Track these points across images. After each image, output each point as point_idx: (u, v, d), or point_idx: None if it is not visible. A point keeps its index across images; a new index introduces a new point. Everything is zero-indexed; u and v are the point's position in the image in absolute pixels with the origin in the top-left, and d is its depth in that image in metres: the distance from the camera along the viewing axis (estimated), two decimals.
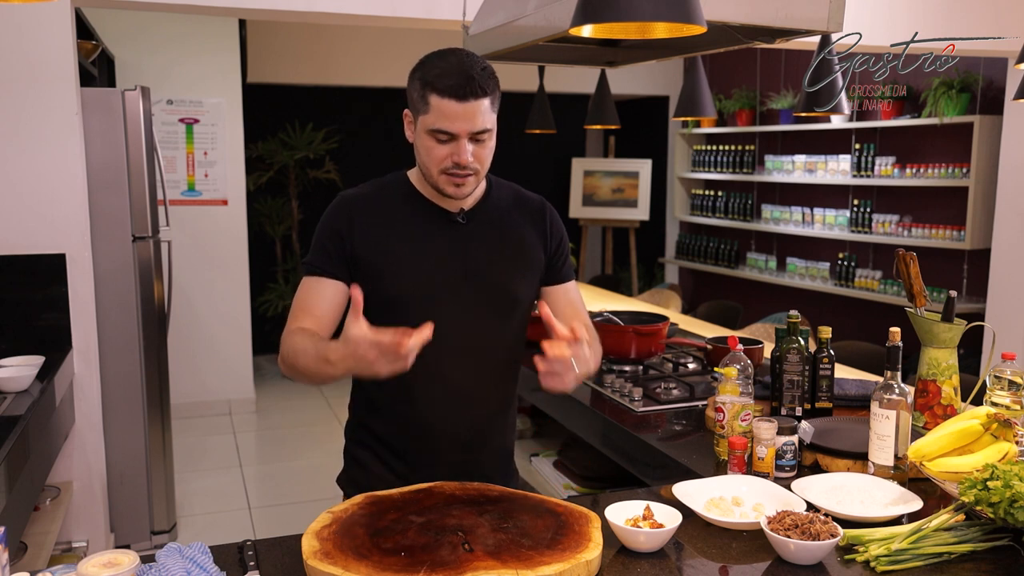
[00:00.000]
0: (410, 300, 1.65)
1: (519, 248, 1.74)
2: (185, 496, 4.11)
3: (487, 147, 1.62)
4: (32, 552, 2.56)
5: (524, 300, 1.76)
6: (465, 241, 1.70)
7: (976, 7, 3.73)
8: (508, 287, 1.72)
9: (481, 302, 1.69)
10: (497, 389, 1.77)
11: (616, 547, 1.44)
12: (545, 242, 1.79)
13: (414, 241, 1.67)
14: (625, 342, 2.72)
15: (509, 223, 1.75)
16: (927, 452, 1.66)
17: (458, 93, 1.54)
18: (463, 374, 1.70)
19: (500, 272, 1.71)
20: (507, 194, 1.80)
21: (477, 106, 1.56)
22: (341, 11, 2.99)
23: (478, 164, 1.61)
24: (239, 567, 1.37)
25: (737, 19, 1.84)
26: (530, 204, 1.81)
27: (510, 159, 7.95)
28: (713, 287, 7.05)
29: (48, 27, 2.85)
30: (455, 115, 1.55)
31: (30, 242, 2.92)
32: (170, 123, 5.28)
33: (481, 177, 1.65)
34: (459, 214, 1.70)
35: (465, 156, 1.58)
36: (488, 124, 1.59)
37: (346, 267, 1.65)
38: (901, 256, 2.08)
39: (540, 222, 1.80)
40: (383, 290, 1.64)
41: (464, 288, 1.68)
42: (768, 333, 3.84)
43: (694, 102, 3.63)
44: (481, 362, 1.72)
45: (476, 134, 1.58)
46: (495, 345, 1.74)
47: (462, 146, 1.58)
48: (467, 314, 1.68)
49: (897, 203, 5.32)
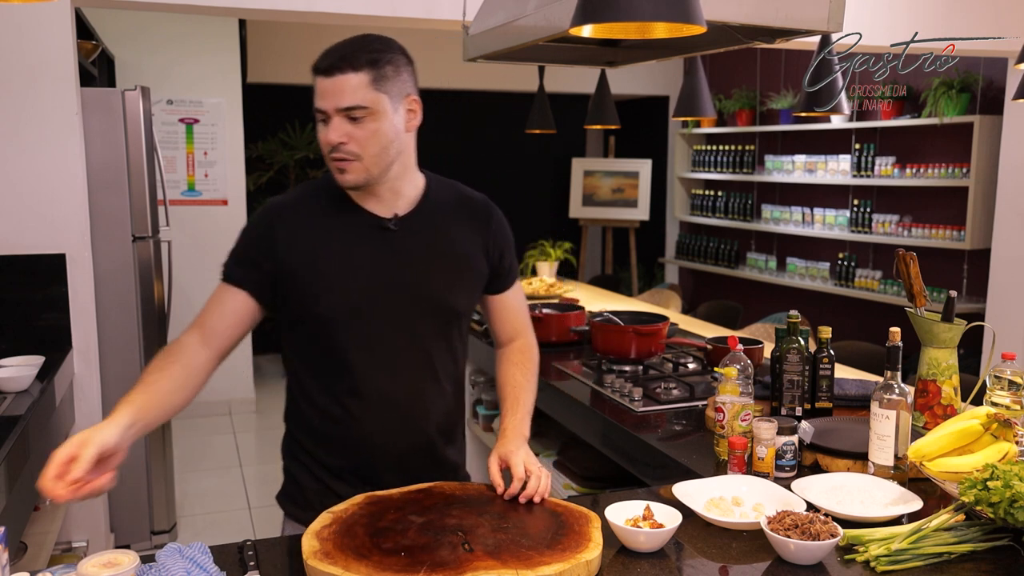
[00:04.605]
0: (339, 317, 1.56)
1: (458, 257, 1.64)
2: (185, 496, 4.11)
3: (367, 129, 1.50)
4: (32, 552, 2.56)
5: (464, 311, 1.68)
6: (397, 250, 1.59)
7: (976, 7, 3.73)
8: (446, 299, 1.63)
9: (416, 315, 1.60)
10: (438, 403, 1.67)
11: (616, 547, 1.43)
12: (488, 249, 1.69)
13: (342, 252, 1.56)
14: (625, 342, 2.72)
15: (448, 229, 1.65)
16: (927, 452, 1.66)
17: (326, 69, 1.49)
18: (403, 392, 1.61)
19: (436, 283, 1.61)
20: (448, 196, 1.68)
21: (344, 81, 1.47)
22: (341, 11, 2.99)
23: (357, 148, 1.50)
24: (239, 567, 1.37)
25: (737, 19, 1.84)
26: (474, 206, 1.70)
27: (510, 159, 8.02)
28: (713, 287, 7.05)
29: (48, 27, 2.85)
30: (322, 91, 1.50)
31: (30, 242, 2.92)
32: (170, 123, 5.28)
33: (369, 166, 1.53)
34: (391, 220, 1.59)
35: (331, 133, 1.50)
36: (361, 101, 1.48)
37: (261, 278, 1.56)
38: (901, 256, 2.08)
39: (484, 227, 1.69)
40: (310, 307, 1.55)
41: (397, 302, 1.58)
42: (768, 333, 3.84)
43: (694, 102, 3.63)
44: (420, 378, 1.63)
45: (346, 110, 1.48)
46: (434, 359, 1.64)
47: (330, 124, 1.50)
48: (402, 329, 1.59)
49: (897, 203, 5.32)
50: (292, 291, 1.56)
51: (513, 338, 1.82)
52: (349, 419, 1.60)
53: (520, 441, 1.62)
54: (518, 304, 1.80)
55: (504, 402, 1.72)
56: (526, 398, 1.71)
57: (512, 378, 1.75)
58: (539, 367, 1.83)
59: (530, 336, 1.83)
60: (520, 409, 1.68)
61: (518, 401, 1.70)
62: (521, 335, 1.82)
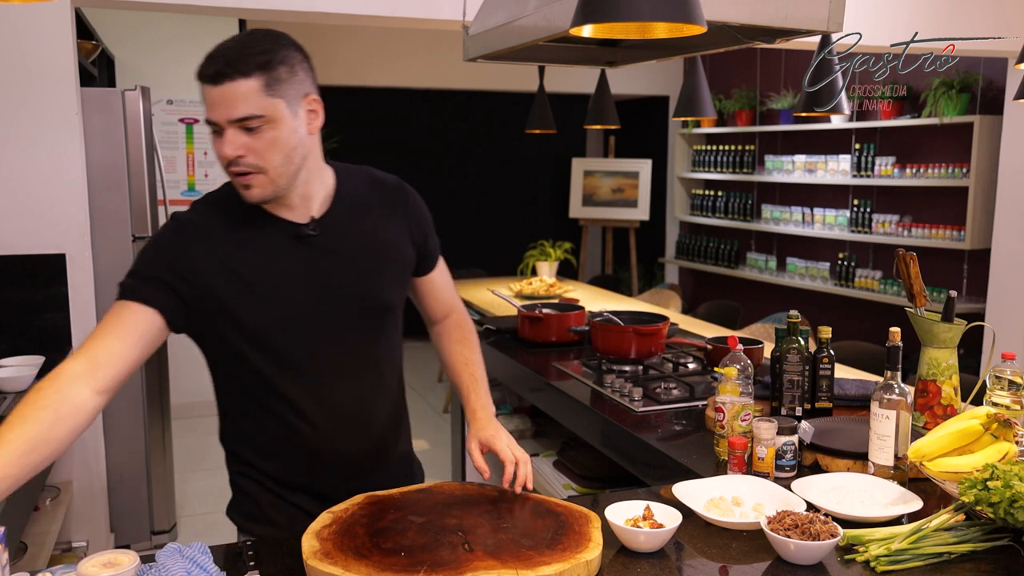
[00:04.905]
0: (270, 332, 1.47)
1: (383, 247, 1.58)
2: (185, 496, 4.11)
3: (265, 138, 1.39)
4: (32, 552, 2.56)
5: (397, 303, 1.63)
6: (320, 254, 1.51)
7: (976, 7, 3.73)
8: (378, 295, 1.57)
9: (350, 317, 1.54)
10: (385, 401, 1.63)
11: (616, 547, 1.43)
12: (411, 232, 1.63)
13: (264, 266, 1.47)
14: (625, 342, 2.72)
15: (368, 221, 1.57)
16: (927, 452, 1.66)
17: (212, 76, 1.37)
18: (348, 399, 1.56)
19: (365, 281, 1.55)
20: (360, 184, 1.61)
21: (233, 89, 1.36)
22: (341, 11, 2.99)
23: (257, 160, 1.40)
24: (239, 567, 1.36)
25: (737, 19, 1.84)
26: (388, 189, 1.64)
27: (510, 159, 8.02)
28: (713, 287, 7.05)
29: (48, 27, 2.85)
30: (211, 101, 1.38)
31: (30, 242, 2.92)
32: (170, 123, 5.28)
33: (275, 177, 1.43)
34: (308, 224, 1.51)
35: (226, 147, 1.39)
36: (255, 109, 1.37)
37: (172, 298, 1.43)
38: (901, 256, 2.08)
39: (402, 209, 1.63)
40: (239, 326, 1.47)
41: (328, 307, 1.51)
42: (768, 333, 3.85)
43: (694, 102, 3.63)
44: (365, 382, 1.58)
45: (239, 121, 1.37)
46: (377, 359, 1.60)
47: (224, 137, 1.39)
48: (339, 336, 1.53)
49: (897, 203, 5.32)
50: (214, 311, 1.46)
51: (447, 314, 1.80)
52: (295, 435, 1.53)
53: (495, 423, 1.61)
54: (445, 280, 1.77)
55: (461, 383, 1.70)
56: (481, 373, 1.71)
57: (460, 355, 1.73)
58: (539, 367, 1.83)
59: (461, 308, 1.81)
60: (480, 386, 1.68)
61: (475, 378, 1.69)
62: (453, 310, 1.80)
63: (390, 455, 1.67)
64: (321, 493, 1.57)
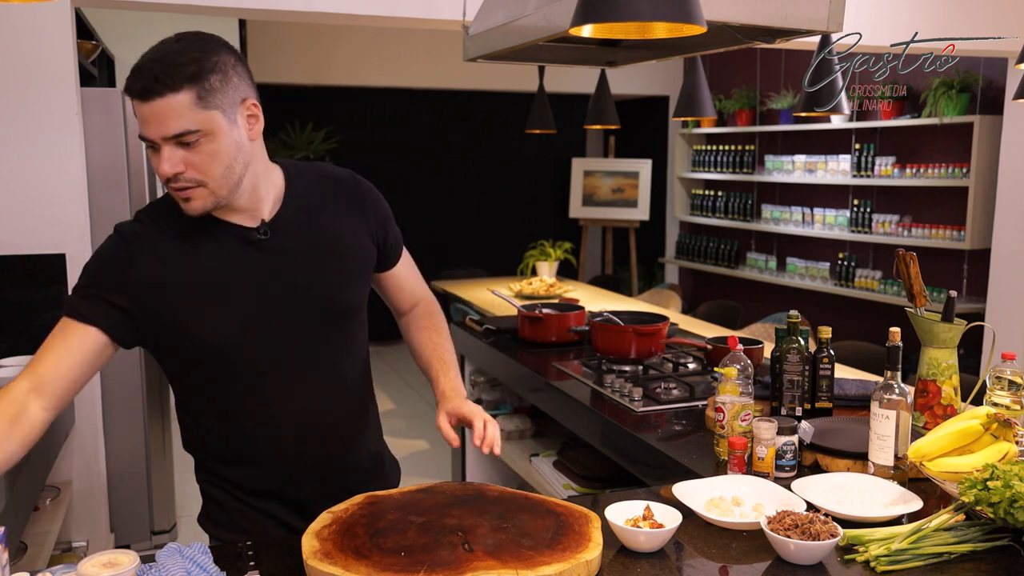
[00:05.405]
0: (225, 342, 1.43)
1: (341, 247, 1.53)
2: (185, 496, 4.11)
3: (203, 152, 1.33)
4: (32, 552, 2.56)
5: (359, 302, 1.58)
6: (273, 258, 1.45)
7: (976, 7, 3.73)
8: (337, 295, 1.52)
9: (309, 321, 1.49)
10: (350, 401, 1.59)
11: (616, 547, 1.43)
12: (370, 228, 1.58)
13: (216, 274, 1.42)
14: (625, 342, 2.72)
15: (322, 220, 1.52)
16: (927, 452, 1.66)
17: (140, 92, 1.30)
18: (313, 405, 1.52)
19: (323, 282, 1.50)
20: (312, 182, 1.55)
21: (164, 105, 1.29)
22: (341, 11, 2.99)
23: (197, 174, 1.34)
24: (239, 567, 1.36)
25: (737, 19, 1.84)
26: (342, 185, 1.58)
27: (510, 159, 8.01)
28: (713, 287, 7.05)
29: (48, 27, 2.85)
30: (143, 118, 1.31)
31: (30, 242, 2.92)
32: None
33: (216, 189, 1.37)
34: (259, 229, 1.45)
35: (164, 165, 1.32)
36: (189, 125, 1.31)
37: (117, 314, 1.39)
38: (901, 256, 2.08)
39: (358, 205, 1.58)
40: (192, 337, 1.42)
41: (285, 312, 1.46)
42: (768, 333, 3.85)
43: (694, 102, 3.63)
44: (325, 384, 1.54)
45: (175, 138, 1.31)
46: (340, 362, 1.56)
47: (161, 154, 1.32)
48: (299, 341, 1.48)
49: (897, 203, 5.32)
50: (166, 324, 1.41)
51: (415, 304, 1.77)
52: (258, 442, 1.51)
53: (462, 397, 1.60)
54: (409, 272, 1.73)
55: (431, 368, 1.68)
56: (451, 358, 1.69)
57: (430, 342, 1.71)
58: (539, 367, 1.83)
59: (429, 296, 1.79)
60: (450, 370, 1.66)
61: (445, 363, 1.67)
62: (420, 299, 1.78)
63: (359, 456, 1.64)
64: (291, 498, 1.56)
